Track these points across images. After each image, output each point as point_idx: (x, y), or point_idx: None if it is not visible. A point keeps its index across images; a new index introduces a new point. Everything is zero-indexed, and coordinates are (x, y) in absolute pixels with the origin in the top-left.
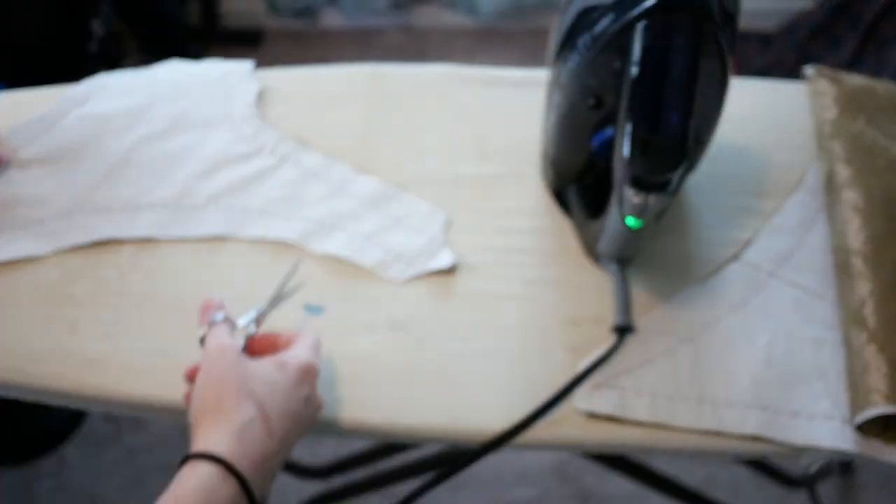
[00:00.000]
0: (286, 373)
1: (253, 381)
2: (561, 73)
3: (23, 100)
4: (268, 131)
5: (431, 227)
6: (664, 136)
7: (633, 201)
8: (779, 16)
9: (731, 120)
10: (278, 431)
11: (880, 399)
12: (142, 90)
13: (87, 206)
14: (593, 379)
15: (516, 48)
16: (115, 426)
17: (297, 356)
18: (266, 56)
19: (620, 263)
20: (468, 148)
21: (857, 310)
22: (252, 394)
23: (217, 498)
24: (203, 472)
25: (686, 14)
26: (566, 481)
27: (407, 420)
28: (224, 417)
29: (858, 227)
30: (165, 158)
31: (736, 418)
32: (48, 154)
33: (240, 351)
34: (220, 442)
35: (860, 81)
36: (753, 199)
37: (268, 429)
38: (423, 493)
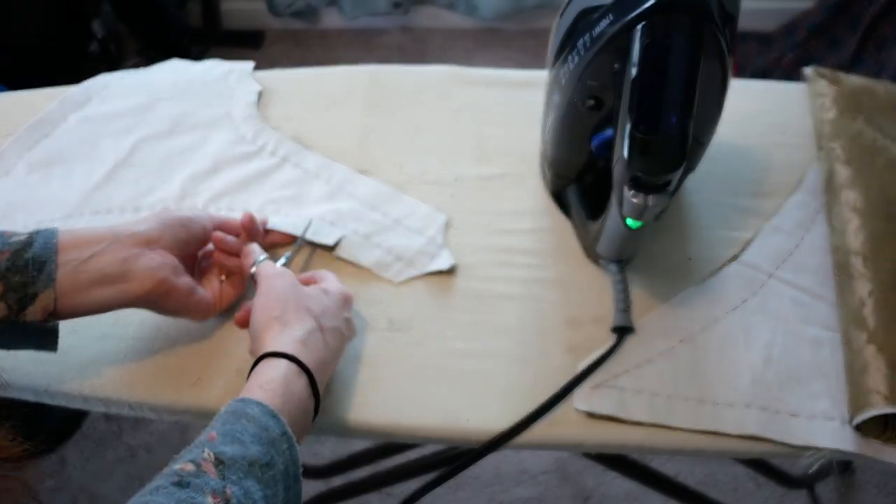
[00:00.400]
0: (332, 297)
1: (308, 299)
2: (560, 73)
3: (24, 100)
4: (268, 132)
5: (431, 228)
6: (663, 137)
7: (632, 202)
8: (779, 16)
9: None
10: (331, 343)
11: (879, 399)
12: (143, 91)
13: (88, 208)
14: (593, 379)
15: (516, 48)
16: (116, 426)
17: (335, 286)
18: (266, 57)
19: (620, 263)
20: (468, 148)
21: (857, 310)
22: (309, 310)
23: (294, 388)
24: (280, 365)
25: (685, 15)
26: (566, 481)
27: (407, 420)
28: (289, 327)
29: (858, 228)
30: (166, 159)
31: (735, 418)
32: (49, 156)
33: (294, 277)
34: (288, 345)
35: (860, 82)
36: (753, 199)
37: (324, 339)
38: (423, 493)
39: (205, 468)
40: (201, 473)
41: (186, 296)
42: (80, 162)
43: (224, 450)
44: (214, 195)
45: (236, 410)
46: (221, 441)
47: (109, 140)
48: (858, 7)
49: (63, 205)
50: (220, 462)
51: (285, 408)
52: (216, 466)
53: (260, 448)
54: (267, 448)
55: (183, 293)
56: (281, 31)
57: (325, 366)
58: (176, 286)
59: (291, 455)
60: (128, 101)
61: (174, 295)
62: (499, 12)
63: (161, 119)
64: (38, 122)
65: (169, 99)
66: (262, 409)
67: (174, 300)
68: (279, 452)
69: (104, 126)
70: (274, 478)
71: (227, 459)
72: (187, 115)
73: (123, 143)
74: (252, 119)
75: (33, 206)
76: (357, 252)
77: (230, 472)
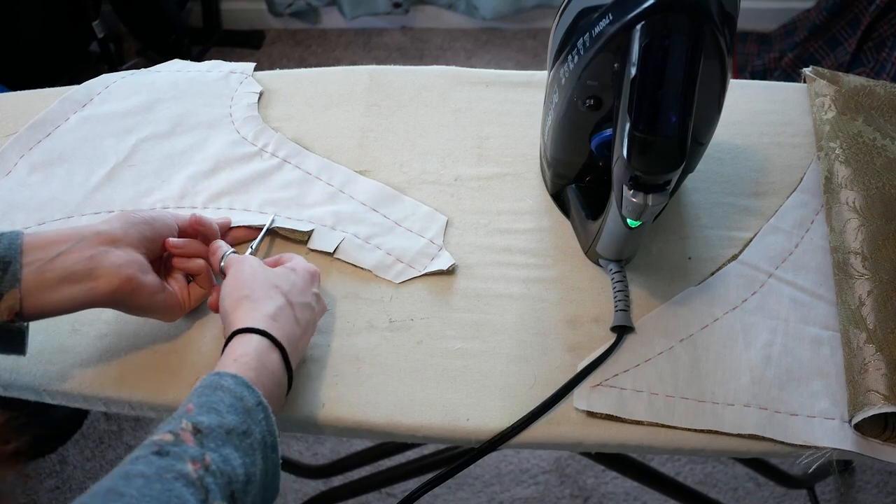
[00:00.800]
0: (299, 274)
1: (276, 278)
2: (560, 73)
3: (24, 100)
4: (269, 133)
5: (431, 229)
6: (663, 137)
7: (632, 201)
8: (779, 16)
9: (731, 120)
10: (301, 319)
11: (879, 398)
12: (144, 92)
13: (89, 208)
14: (592, 378)
15: (516, 48)
16: (116, 426)
17: (302, 264)
18: (267, 57)
19: (620, 263)
20: (468, 148)
21: (856, 309)
22: (278, 287)
23: (267, 362)
24: (252, 340)
25: (685, 14)
26: (566, 480)
27: (407, 420)
28: (258, 305)
29: (857, 227)
30: (166, 159)
31: (735, 418)
32: (50, 156)
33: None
34: (259, 321)
35: (859, 82)
36: (753, 199)
37: (294, 314)
38: (423, 493)
39: (183, 437)
40: (180, 442)
41: (153, 293)
42: (81, 162)
43: (201, 419)
44: (214, 195)
45: (211, 383)
46: (198, 412)
47: (110, 140)
48: (858, 7)
49: (63, 205)
50: (198, 431)
51: (259, 380)
52: (194, 435)
53: (236, 417)
54: (243, 417)
55: (150, 291)
56: (281, 31)
57: (296, 340)
58: (143, 283)
59: (268, 425)
60: (129, 102)
61: (141, 292)
62: (499, 12)
63: (162, 119)
64: (38, 122)
65: (170, 99)
66: (236, 380)
67: (141, 298)
68: (255, 422)
69: (105, 126)
70: (251, 446)
71: (204, 428)
72: (188, 115)
73: (124, 143)
74: (253, 120)
75: (34, 206)
76: (357, 254)
77: (208, 441)
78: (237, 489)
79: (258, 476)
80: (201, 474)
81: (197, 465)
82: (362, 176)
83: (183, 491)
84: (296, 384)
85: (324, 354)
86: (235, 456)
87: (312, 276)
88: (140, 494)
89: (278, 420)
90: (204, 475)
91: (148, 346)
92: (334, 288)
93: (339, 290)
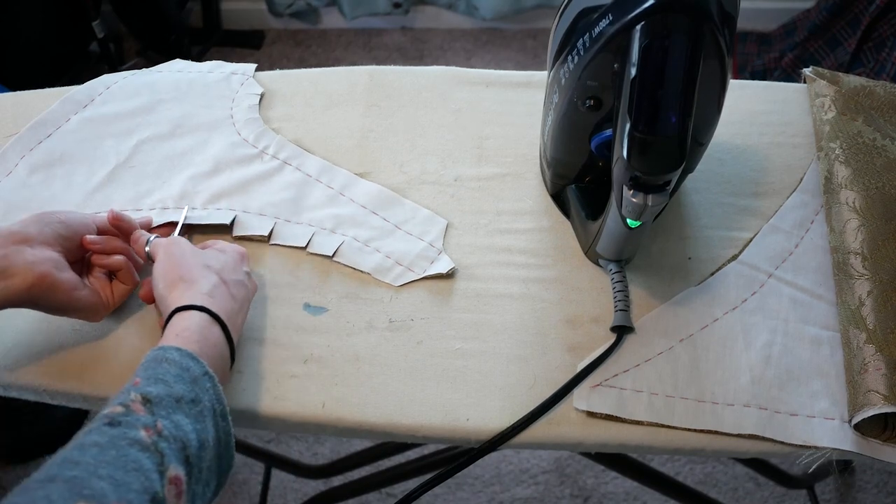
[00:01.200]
0: (228, 254)
1: (207, 258)
2: (560, 73)
3: (24, 100)
4: (269, 135)
5: (431, 232)
6: (663, 137)
7: (631, 201)
8: (779, 16)
9: (731, 120)
10: (237, 295)
11: (879, 398)
12: (144, 93)
13: (89, 209)
14: (592, 378)
15: (516, 48)
16: None
17: (230, 246)
18: (267, 57)
19: (620, 263)
20: (468, 149)
21: (856, 310)
22: (210, 266)
23: (209, 335)
24: (193, 316)
25: (685, 15)
26: (566, 480)
27: (407, 420)
28: (194, 284)
29: (857, 227)
30: (167, 161)
31: (735, 418)
32: (50, 157)
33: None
34: (197, 298)
35: (859, 82)
36: (753, 199)
37: (229, 291)
38: (423, 493)
39: (133, 408)
40: (130, 412)
41: (71, 290)
42: (82, 163)
43: (150, 390)
44: (214, 197)
45: (156, 357)
46: (145, 383)
47: (111, 141)
48: (858, 7)
49: (64, 206)
50: (148, 401)
51: (203, 352)
52: (144, 405)
53: (184, 386)
54: (191, 386)
55: (67, 288)
56: (281, 31)
57: (234, 315)
58: (59, 281)
59: (216, 394)
60: (129, 103)
61: (58, 289)
62: (499, 12)
63: (163, 121)
64: (39, 123)
65: (171, 100)
66: (180, 353)
67: (59, 295)
68: (203, 390)
69: (106, 127)
70: (201, 413)
71: (153, 398)
72: (189, 116)
73: (125, 144)
74: (254, 122)
75: (34, 207)
76: (356, 257)
77: (158, 409)
78: (191, 454)
79: (211, 443)
80: (155, 439)
81: (150, 432)
82: (363, 179)
83: (139, 455)
84: (296, 384)
85: (324, 354)
86: (187, 422)
87: (241, 255)
88: (96, 462)
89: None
90: (157, 440)
91: (148, 347)
92: (334, 288)
93: (338, 290)
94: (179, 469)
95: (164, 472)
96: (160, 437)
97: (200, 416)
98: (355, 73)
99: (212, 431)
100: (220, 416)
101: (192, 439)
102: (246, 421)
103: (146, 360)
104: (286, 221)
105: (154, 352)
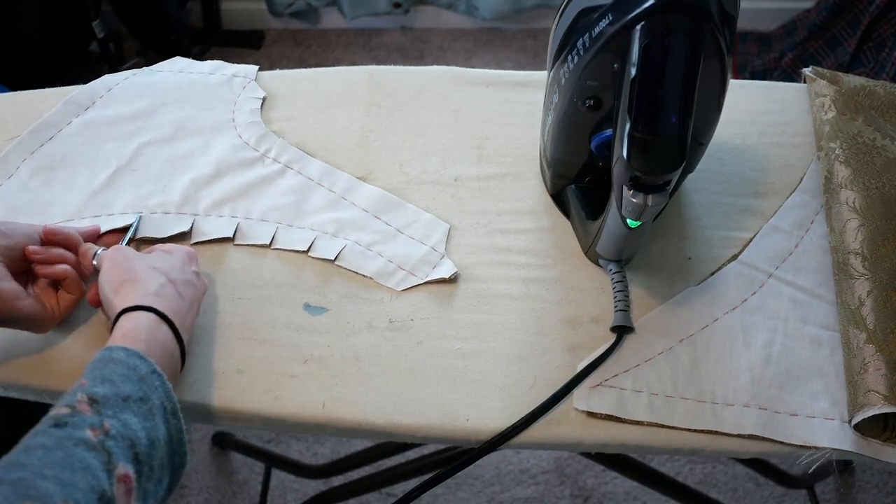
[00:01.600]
0: (176, 255)
1: (153, 260)
2: (560, 73)
3: (25, 100)
4: (271, 138)
5: (433, 236)
6: (663, 137)
7: (631, 201)
8: (779, 16)
9: (731, 120)
10: (185, 294)
11: (879, 399)
12: (146, 95)
13: (90, 212)
14: (592, 379)
15: (516, 48)
16: None
17: (177, 247)
18: (267, 57)
19: (619, 263)
20: (468, 149)
21: (856, 310)
22: (156, 268)
23: (156, 335)
24: (140, 316)
25: (685, 15)
26: (566, 480)
27: (407, 420)
28: (140, 285)
29: (857, 227)
30: (168, 164)
31: (735, 418)
32: (52, 160)
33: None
34: (143, 298)
35: (859, 82)
36: (753, 199)
37: (177, 290)
38: (423, 493)
39: (80, 409)
40: (77, 413)
41: (14, 300)
42: (83, 166)
43: (96, 390)
44: (215, 202)
45: (102, 357)
46: (92, 384)
47: (112, 144)
48: (858, 7)
49: (65, 209)
50: (94, 401)
51: (151, 351)
52: (90, 405)
53: (132, 385)
54: (138, 385)
55: (8, 298)
56: (281, 31)
57: (183, 314)
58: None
59: (165, 391)
60: (131, 105)
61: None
62: (499, 12)
63: (164, 124)
64: (41, 126)
65: (172, 103)
66: (127, 352)
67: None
68: (151, 388)
69: (107, 130)
70: (150, 411)
71: (100, 398)
72: (190, 119)
73: (126, 147)
74: (255, 125)
75: (35, 210)
76: (358, 262)
77: (105, 409)
78: (141, 451)
79: (162, 440)
80: (101, 439)
81: (96, 432)
82: (364, 182)
83: (85, 455)
84: (296, 384)
85: (324, 354)
86: (135, 421)
87: (189, 255)
88: (42, 463)
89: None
90: (104, 440)
91: None
92: (334, 288)
93: (339, 290)
94: (128, 467)
95: (112, 471)
96: (107, 436)
97: (149, 414)
98: (355, 73)
99: (162, 429)
100: (170, 414)
101: (141, 437)
102: (246, 421)
103: (93, 362)
104: (288, 226)
105: (100, 352)
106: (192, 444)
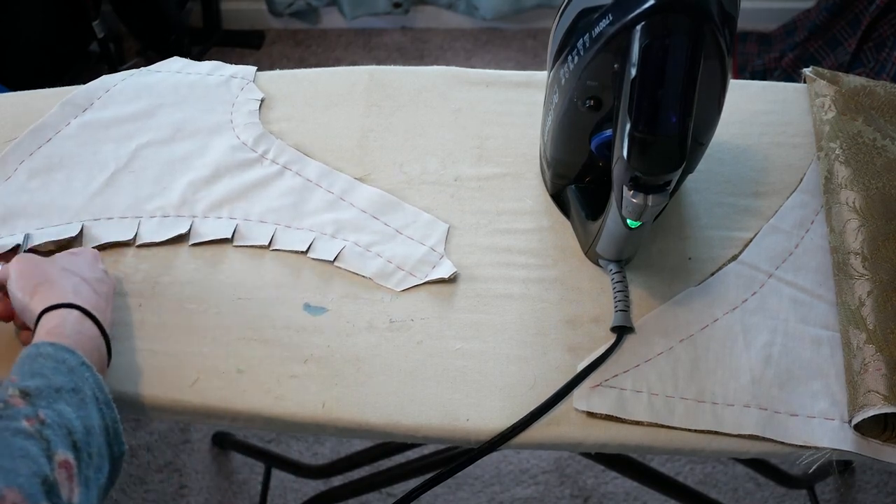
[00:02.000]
0: (82, 255)
1: (61, 262)
2: (560, 73)
3: (24, 100)
4: (269, 139)
5: (432, 237)
6: (663, 137)
7: (632, 202)
8: (779, 16)
9: (731, 120)
10: (100, 290)
11: (879, 399)
12: (144, 96)
13: (88, 214)
14: (592, 379)
15: (516, 48)
16: None
17: (80, 248)
18: (267, 57)
19: (620, 263)
20: (468, 149)
21: (856, 310)
22: (67, 269)
23: (83, 329)
24: (62, 313)
25: (685, 15)
26: (566, 480)
27: (407, 420)
28: (55, 285)
29: (857, 228)
30: (167, 165)
31: (735, 418)
32: (50, 162)
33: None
34: (62, 297)
35: (859, 82)
36: (753, 199)
37: (92, 288)
38: (423, 493)
39: (12, 402)
40: (10, 406)
41: None
42: (81, 168)
43: (27, 384)
44: (214, 203)
45: (30, 354)
46: (22, 379)
47: (110, 146)
48: (858, 7)
49: (63, 211)
50: (27, 394)
51: (78, 344)
52: (23, 398)
53: (63, 377)
54: (69, 377)
55: None
56: (281, 31)
57: (102, 310)
58: None
59: (96, 382)
60: (129, 107)
61: None
62: (499, 12)
63: (162, 125)
64: (39, 127)
65: (170, 105)
66: (55, 347)
67: None
68: (82, 380)
69: (105, 131)
70: (83, 401)
71: (32, 391)
72: (188, 121)
73: (124, 148)
74: (253, 126)
75: (33, 212)
76: (357, 262)
77: (38, 400)
78: (78, 439)
79: (97, 429)
80: (38, 428)
81: (32, 422)
82: (363, 183)
83: (24, 443)
84: (296, 384)
85: (324, 354)
86: (69, 410)
87: (94, 255)
88: None
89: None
90: (41, 429)
91: (147, 348)
92: (334, 289)
93: (339, 290)
94: (68, 454)
95: (52, 457)
96: (43, 425)
97: (83, 404)
98: (355, 73)
99: (97, 418)
100: (104, 404)
101: (77, 426)
102: (246, 421)
103: (20, 359)
104: (286, 227)
105: (27, 350)
106: (192, 444)
